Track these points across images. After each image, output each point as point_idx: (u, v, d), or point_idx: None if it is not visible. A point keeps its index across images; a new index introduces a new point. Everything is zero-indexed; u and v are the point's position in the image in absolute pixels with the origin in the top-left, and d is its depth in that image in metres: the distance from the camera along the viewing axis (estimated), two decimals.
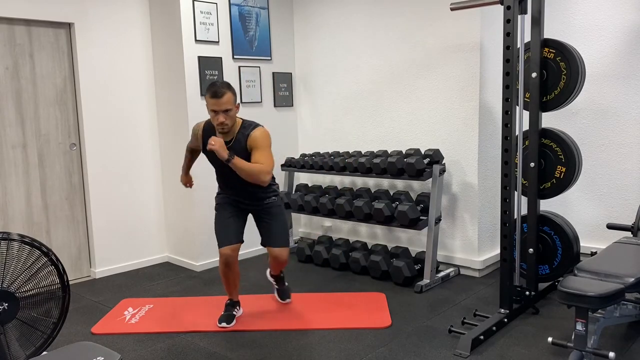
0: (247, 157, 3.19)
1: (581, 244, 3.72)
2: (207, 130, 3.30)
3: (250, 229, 4.96)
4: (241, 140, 3.21)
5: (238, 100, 3.09)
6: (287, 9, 5.16)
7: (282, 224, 3.47)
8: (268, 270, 3.82)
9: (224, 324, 3.36)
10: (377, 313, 3.51)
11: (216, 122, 3.13)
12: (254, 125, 3.26)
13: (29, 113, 4.17)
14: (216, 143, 3.05)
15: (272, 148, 4.96)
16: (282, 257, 3.45)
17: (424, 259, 4.09)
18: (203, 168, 4.59)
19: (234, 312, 3.47)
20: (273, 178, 3.38)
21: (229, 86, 3.13)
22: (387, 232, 4.72)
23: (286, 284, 3.82)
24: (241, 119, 3.29)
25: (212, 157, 3.27)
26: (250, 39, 4.82)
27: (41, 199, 4.27)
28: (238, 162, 3.09)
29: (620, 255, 2.87)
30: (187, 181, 3.67)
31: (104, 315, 3.66)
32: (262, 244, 3.49)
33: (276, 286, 3.80)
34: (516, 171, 3.40)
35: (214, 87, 3.09)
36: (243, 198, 3.38)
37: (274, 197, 3.42)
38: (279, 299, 3.78)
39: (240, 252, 4.88)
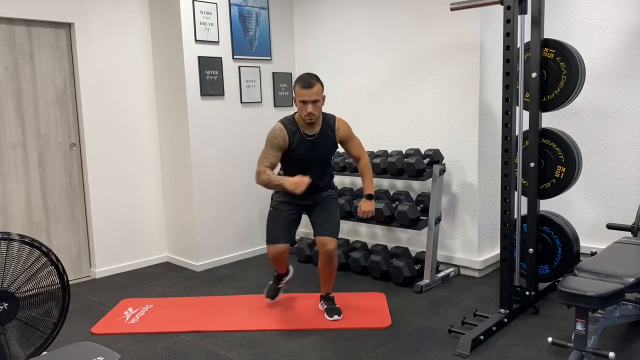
0: (333, 146, 3.36)
1: (581, 244, 3.72)
2: (290, 128, 3.28)
3: (249, 229, 4.98)
4: (327, 130, 3.33)
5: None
6: (287, 9, 5.16)
7: (334, 215, 3.46)
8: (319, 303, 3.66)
9: (269, 300, 3.64)
10: (377, 313, 3.51)
11: (304, 112, 3.18)
12: (331, 115, 3.39)
13: (29, 113, 4.17)
14: (370, 210, 3.37)
15: None
16: (327, 245, 3.33)
17: (424, 259, 4.09)
18: (201, 167, 4.59)
19: (280, 285, 3.68)
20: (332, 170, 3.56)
21: (317, 78, 3.22)
22: (387, 232, 4.72)
23: (337, 305, 3.55)
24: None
25: (302, 154, 3.30)
26: (250, 39, 4.82)
27: (41, 199, 4.27)
28: (373, 189, 3.42)
29: (620, 255, 2.87)
30: (301, 179, 3.17)
31: (104, 315, 3.66)
32: (315, 234, 3.46)
33: (325, 305, 3.55)
34: (516, 171, 3.40)
35: (304, 78, 3.18)
36: (311, 192, 3.36)
37: (331, 190, 3.51)
38: (326, 316, 3.48)
39: (239, 252, 4.92)
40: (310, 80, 3.17)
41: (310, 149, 3.30)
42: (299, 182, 3.14)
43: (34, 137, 4.21)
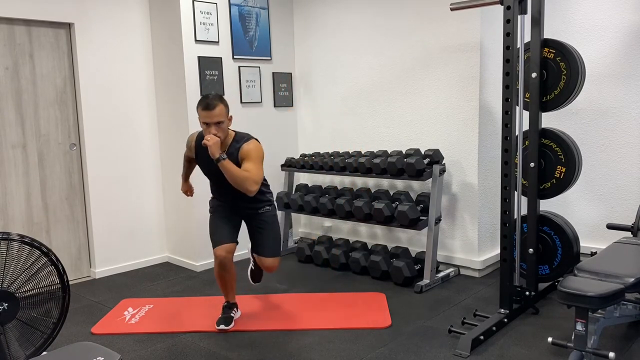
0: (237, 164, 3.18)
1: (581, 244, 3.72)
2: (200, 141, 3.27)
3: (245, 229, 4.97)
4: (233, 153, 3.20)
5: (231, 113, 3.06)
6: (287, 9, 5.16)
7: (275, 233, 3.47)
8: (250, 267, 3.75)
9: (222, 326, 3.35)
10: (377, 313, 3.51)
11: (207, 134, 3.09)
12: (247, 137, 3.25)
13: (29, 113, 4.17)
14: (211, 140, 3.04)
15: (272, 148, 5.03)
16: (272, 267, 3.47)
17: (424, 259, 4.09)
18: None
19: (232, 314, 3.45)
20: (267, 187, 3.45)
21: (221, 98, 3.13)
22: (387, 232, 4.72)
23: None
24: (234, 131, 3.28)
25: (205, 165, 3.29)
26: (250, 39, 4.82)
27: (41, 199, 4.27)
28: (228, 164, 3.07)
29: (620, 255, 2.87)
30: (187, 189, 3.66)
31: (104, 315, 3.66)
32: (253, 251, 3.50)
33: (252, 267, 3.72)
34: (516, 171, 3.40)
35: (206, 100, 3.09)
36: (235, 206, 3.40)
37: (267, 207, 3.44)
38: (250, 279, 3.72)
39: (239, 252, 4.90)
40: (212, 102, 3.06)
41: (214, 165, 3.14)
42: (183, 190, 3.66)
43: (34, 137, 4.21)
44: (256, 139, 3.28)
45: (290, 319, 3.49)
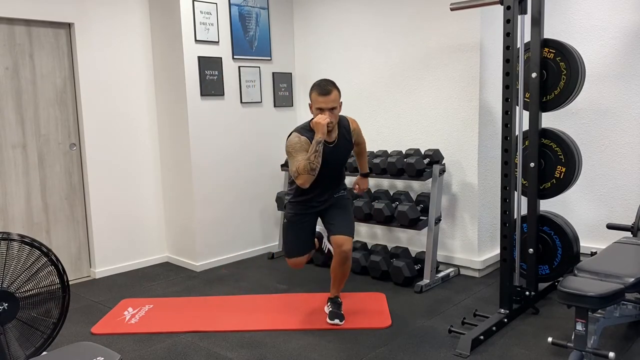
0: (351, 148, 3.37)
1: (581, 244, 3.72)
2: (308, 136, 3.15)
3: (249, 229, 4.97)
4: (344, 134, 3.29)
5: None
6: (287, 9, 5.16)
7: (349, 214, 3.45)
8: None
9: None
10: (377, 313, 3.51)
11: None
12: (343, 117, 3.35)
13: (29, 113, 4.17)
14: (365, 187, 3.63)
15: (272, 148, 5.05)
16: (343, 245, 3.25)
17: (424, 259, 4.09)
18: (201, 166, 4.59)
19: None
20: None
21: (334, 84, 3.17)
22: (387, 232, 4.72)
23: (342, 312, 3.45)
24: None
25: (323, 162, 3.15)
26: (250, 39, 4.82)
27: (41, 199, 4.27)
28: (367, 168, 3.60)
29: (620, 255, 2.87)
30: (320, 118, 3.11)
31: (104, 315, 3.66)
32: (329, 235, 3.42)
33: (330, 308, 3.46)
34: (516, 171, 3.40)
35: (321, 84, 3.13)
36: (323, 195, 3.36)
37: (343, 191, 3.49)
38: (327, 319, 3.41)
39: (239, 252, 4.91)
40: (327, 87, 3.11)
41: (331, 155, 3.22)
42: (320, 124, 3.06)
43: (34, 137, 4.21)
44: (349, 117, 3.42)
45: (290, 318, 3.49)
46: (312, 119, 3.18)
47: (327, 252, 3.74)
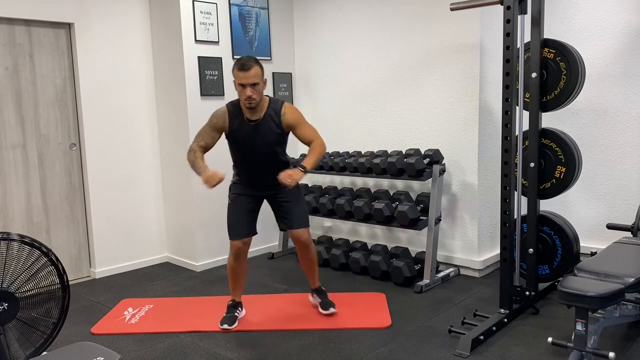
0: (280, 134, 3.23)
1: (581, 244, 3.72)
2: (233, 111, 3.22)
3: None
4: (272, 115, 3.21)
5: (266, 76, 3.05)
6: (287, 9, 5.16)
7: (300, 204, 3.42)
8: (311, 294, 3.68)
9: (225, 326, 3.35)
10: (377, 313, 3.51)
11: (244, 96, 3.09)
12: (280, 100, 3.29)
13: (29, 113, 4.17)
14: (293, 177, 3.02)
15: None
16: (301, 237, 3.35)
17: (424, 259, 4.09)
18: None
19: (236, 314, 3.46)
20: (290, 159, 3.44)
21: (256, 60, 3.13)
22: (387, 232, 4.72)
23: (328, 298, 3.58)
24: (267, 96, 3.27)
25: (241, 139, 3.22)
26: (250, 39, 4.82)
27: (41, 199, 4.27)
28: (312, 164, 3.14)
29: (620, 255, 2.87)
30: (215, 175, 3.07)
31: (104, 315, 3.66)
32: (281, 229, 3.46)
33: (318, 299, 3.58)
34: (516, 171, 3.40)
35: (241, 60, 3.09)
36: (262, 182, 3.34)
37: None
38: (321, 310, 3.52)
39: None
40: (248, 63, 3.06)
41: (251, 134, 3.19)
42: (210, 177, 3.04)
43: (34, 137, 4.21)
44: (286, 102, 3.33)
45: (290, 319, 3.49)
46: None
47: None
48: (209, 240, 4.68)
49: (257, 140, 3.22)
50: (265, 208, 5.02)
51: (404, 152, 4.25)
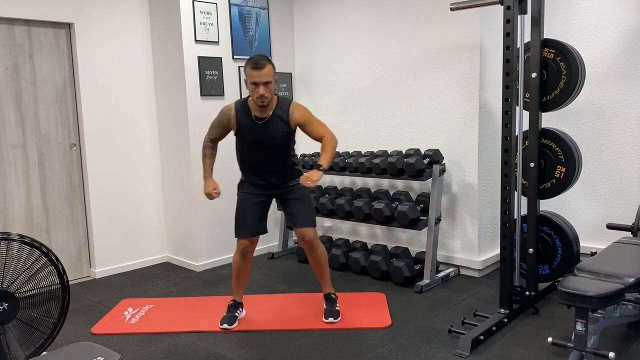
0: (288, 131, 3.25)
1: (581, 244, 3.72)
2: (240, 110, 3.25)
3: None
4: (280, 114, 3.22)
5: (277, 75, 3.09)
6: (287, 9, 5.16)
7: (307, 203, 3.40)
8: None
9: (225, 325, 3.35)
10: (377, 313, 3.51)
11: (256, 94, 3.10)
12: (289, 100, 3.31)
13: (29, 113, 4.17)
14: (312, 179, 3.04)
15: None
16: (306, 235, 3.31)
17: (424, 259, 4.09)
18: (201, 166, 4.59)
19: (237, 314, 3.46)
20: (297, 159, 3.43)
21: (268, 59, 3.14)
22: (387, 232, 4.72)
23: (337, 307, 3.48)
24: (275, 95, 3.28)
25: (249, 136, 3.23)
26: (250, 39, 4.82)
27: (41, 199, 4.27)
28: (328, 161, 3.19)
29: (620, 255, 2.87)
30: (214, 187, 3.29)
31: (104, 315, 3.66)
32: (288, 226, 3.45)
33: (324, 305, 3.52)
34: (516, 171, 3.40)
35: (254, 59, 3.10)
36: (269, 180, 3.34)
37: (297, 179, 3.39)
38: (323, 318, 3.44)
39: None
40: (261, 61, 3.08)
41: (260, 132, 3.21)
42: (208, 195, 3.28)
43: (34, 137, 4.21)
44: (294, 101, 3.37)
45: (290, 319, 3.49)
46: (249, 96, 3.23)
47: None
48: (209, 240, 4.68)
49: (265, 139, 3.23)
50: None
51: (404, 152, 4.25)
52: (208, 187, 3.29)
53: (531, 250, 3.52)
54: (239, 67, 4.75)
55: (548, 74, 3.40)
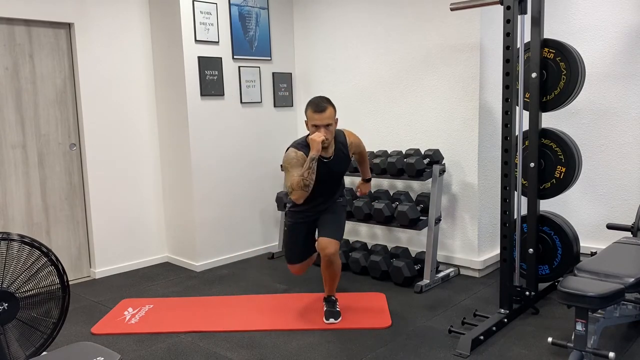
0: (348, 162, 3.42)
1: (581, 244, 3.72)
2: (305, 152, 3.23)
3: (249, 229, 4.97)
4: (341, 148, 3.34)
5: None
6: (287, 9, 5.16)
7: (339, 219, 3.47)
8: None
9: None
10: (377, 313, 3.51)
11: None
12: (341, 131, 3.41)
13: (29, 113, 4.17)
14: (365, 192, 3.76)
15: (272, 148, 5.06)
16: (327, 249, 3.27)
17: (424, 259, 4.09)
18: (201, 167, 4.59)
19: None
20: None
21: (329, 101, 3.22)
22: (387, 232, 4.72)
23: (337, 308, 3.48)
24: None
25: (319, 177, 3.24)
26: (250, 39, 4.82)
27: (41, 199, 4.27)
28: (370, 173, 3.73)
29: (620, 255, 2.87)
30: (313, 136, 3.18)
31: (104, 315, 3.66)
32: (317, 236, 3.46)
33: (324, 306, 3.51)
34: (516, 171, 3.40)
35: (315, 101, 3.18)
36: (319, 206, 3.43)
37: (341, 198, 3.55)
38: (323, 319, 3.43)
39: (239, 252, 4.91)
40: (322, 104, 3.16)
41: (328, 171, 3.30)
42: (315, 141, 3.12)
43: (34, 137, 4.21)
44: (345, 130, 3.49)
45: (290, 318, 3.49)
46: (309, 134, 3.25)
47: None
48: (209, 240, 4.68)
49: (335, 174, 3.37)
50: (260, 207, 5.05)
51: (404, 152, 4.25)
52: (312, 142, 3.15)
53: (531, 250, 3.52)
54: (239, 67, 4.75)
55: (548, 74, 3.40)
